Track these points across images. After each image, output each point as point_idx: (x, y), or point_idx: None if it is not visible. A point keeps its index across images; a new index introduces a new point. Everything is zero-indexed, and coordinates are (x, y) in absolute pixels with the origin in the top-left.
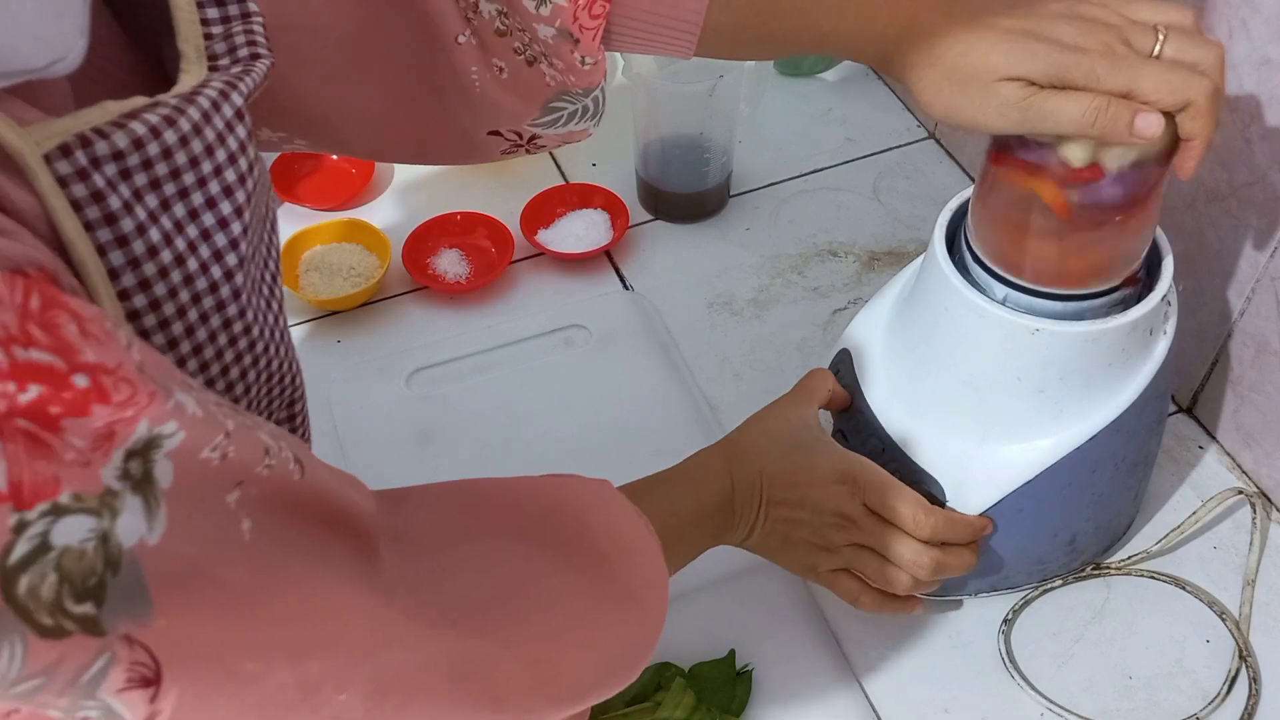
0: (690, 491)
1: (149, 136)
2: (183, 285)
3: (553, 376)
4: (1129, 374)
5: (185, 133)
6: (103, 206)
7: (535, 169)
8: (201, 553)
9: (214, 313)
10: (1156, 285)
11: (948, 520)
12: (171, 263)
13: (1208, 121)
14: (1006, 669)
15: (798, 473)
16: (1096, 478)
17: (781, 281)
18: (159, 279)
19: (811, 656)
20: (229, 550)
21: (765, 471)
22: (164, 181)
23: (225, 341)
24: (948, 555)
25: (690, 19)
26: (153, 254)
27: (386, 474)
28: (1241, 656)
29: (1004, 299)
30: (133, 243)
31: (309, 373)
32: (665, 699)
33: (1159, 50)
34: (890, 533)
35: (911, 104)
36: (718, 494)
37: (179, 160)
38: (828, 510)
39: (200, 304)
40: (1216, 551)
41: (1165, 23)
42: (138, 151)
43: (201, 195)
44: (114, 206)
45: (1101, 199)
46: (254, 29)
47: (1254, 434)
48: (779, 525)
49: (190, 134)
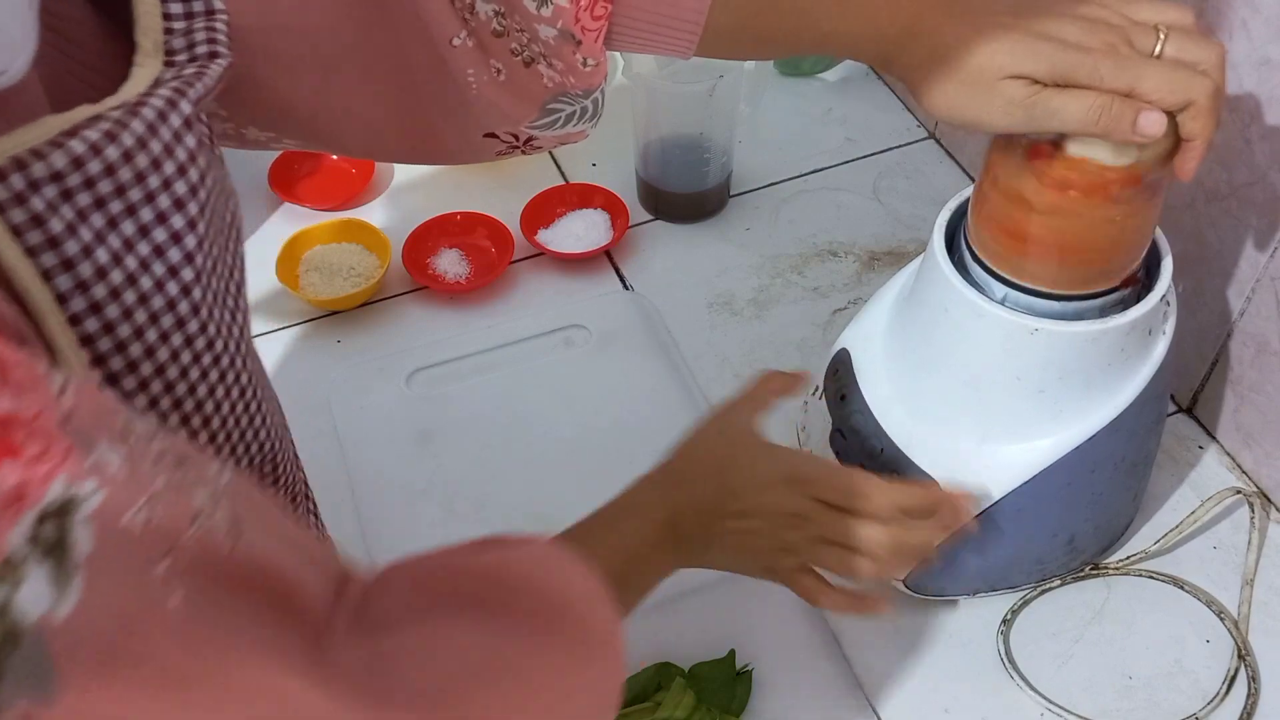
0: (636, 527)
1: (89, 154)
2: (138, 305)
3: (553, 376)
4: (1128, 374)
5: (129, 147)
6: (44, 230)
7: (535, 169)
8: (121, 627)
9: (174, 331)
10: (1156, 285)
11: (901, 490)
12: (123, 283)
13: (1209, 121)
14: (1006, 669)
15: (739, 484)
16: (1096, 477)
17: (781, 281)
18: (111, 301)
19: (811, 656)
20: (153, 625)
21: (703, 493)
22: (109, 199)
23: (189, 359)
24: (907, 533)
25: (692, 19)
26: (102, 275)
27: (387, 474)
28: (1240, 656)
29: (1003, 299)
30: (79, 265)
31: (309, 372)
32: (665, 699)
33: (1160, 50)
34: (844, 519)
35: (911, 104)
36: (661, 524)
37: (123, 176)
38: (779, 513)
39: (159, 323)
40: (1216, 551)
41: (1166, 23)
42: (78, 171)
43: (151, 210)
44: (56, 229)
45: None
46: (216, 27)
47: (1254, 434)
48: (732, 538)
49: (134, 148)
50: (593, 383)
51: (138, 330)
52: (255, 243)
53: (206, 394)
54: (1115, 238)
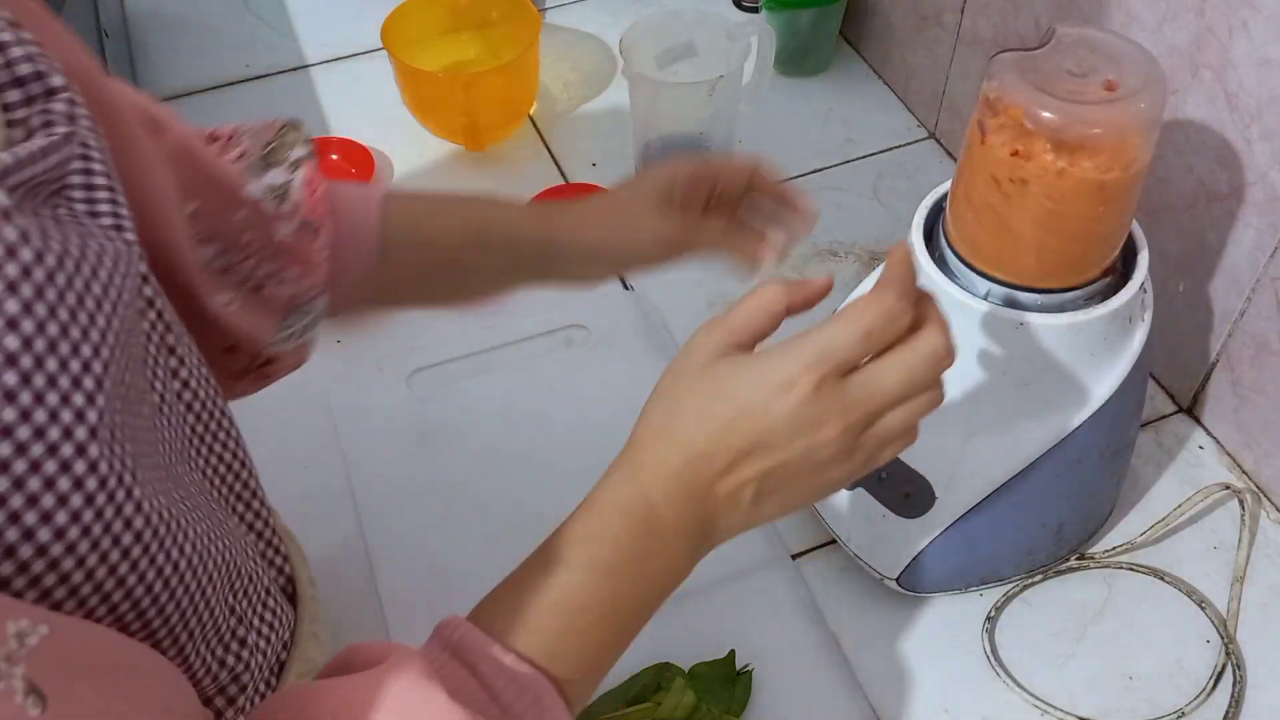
0: (599, 548)
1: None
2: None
3: (553, 376)
4: (1111, 362)
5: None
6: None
7: (535, 169)
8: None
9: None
10: (1134, 274)
11: (898, 293)
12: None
13: None
14: (992, 666)
15: (731, 421)
16: (1082, 466)
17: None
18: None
19: (811, 656)
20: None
21: (689, 457)
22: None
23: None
24: (931, 336)
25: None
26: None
27: (386, 474)
28: (1227, 651)
29: (986, 294)
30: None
31: (309, 372)
32: (665, 699)
33: None
34: (887, 366)
35: (911, 104)
36: (641, 519)
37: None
38: (798, 424)
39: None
40: (1216, 552)
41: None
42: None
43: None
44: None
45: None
46: (52, 108)
47: (1254, 434)
48: (765, 487)
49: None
50: (593, 383)
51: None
52: None
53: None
54: (1095, 231)
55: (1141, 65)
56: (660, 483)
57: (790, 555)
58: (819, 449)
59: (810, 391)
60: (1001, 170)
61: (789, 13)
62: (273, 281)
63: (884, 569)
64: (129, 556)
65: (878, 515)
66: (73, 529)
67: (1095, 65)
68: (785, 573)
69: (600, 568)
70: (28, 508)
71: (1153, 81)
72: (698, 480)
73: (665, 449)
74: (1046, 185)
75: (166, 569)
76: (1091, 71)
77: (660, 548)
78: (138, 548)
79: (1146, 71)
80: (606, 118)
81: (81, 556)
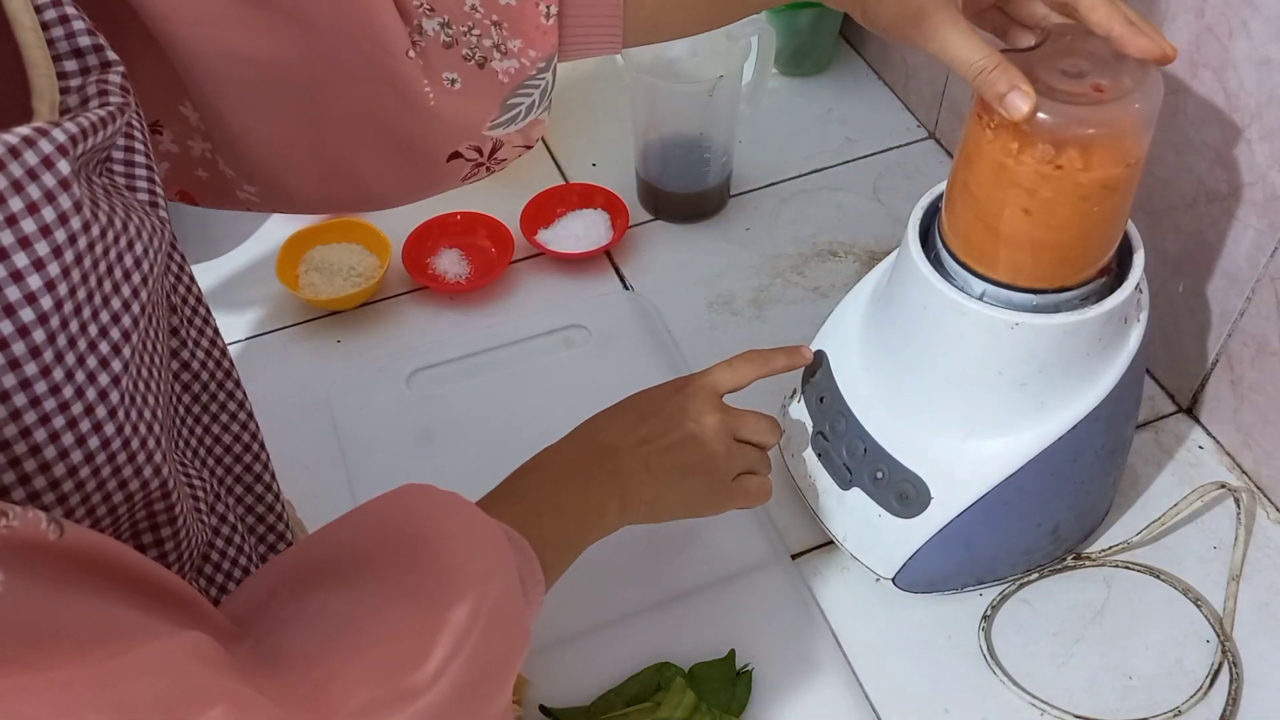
0: (563, 458)
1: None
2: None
3: (553, 376)
4: (1107, 362)
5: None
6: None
7: (535, 169)
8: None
9: (16, 392)
10: (1129, 274)
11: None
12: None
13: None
14: (989, 665)
15: (637, 408)
16: (1079, 466)
17: (781, 281)
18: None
19: (811, 656)
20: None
21: (631, 420)
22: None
23: (34, 419)
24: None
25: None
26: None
27: (387, 474)
28: (1224, 650)
29: (982, 295)
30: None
31: (309, 372)
32: (665, 699)
33: None
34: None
35: (912, 104)
36: (588, 447)
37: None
38: (686, 410)
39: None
40: (1214, 551)
41: None
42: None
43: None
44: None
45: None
46: (109, 80)
47: (1254, 434)
48: (663, 449)
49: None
50: (593, 383)
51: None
52: (255, 243)
53: (66, 474)
54: (1091, 231)
55: (1137, 65)
56: (576, 443)
57: (790, 555)
58: (702, 430)
59: (694, 391)
60: (997, 171)
61: (789, 13)
62: (497, 54)
63: (880, 569)
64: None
65: (874, 515)
66: (83, 464)
67: (1091, 66)
68: (785, 573)
69: (549, 482)
70: (49, 442)
71: (1148, 81)
72: (606, 442)
73: (581, 430)
74: (1042, 185)
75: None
76: (1087, 72)
77: (583, 486)
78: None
79: (1142, 71)
80: (606, 118)
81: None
